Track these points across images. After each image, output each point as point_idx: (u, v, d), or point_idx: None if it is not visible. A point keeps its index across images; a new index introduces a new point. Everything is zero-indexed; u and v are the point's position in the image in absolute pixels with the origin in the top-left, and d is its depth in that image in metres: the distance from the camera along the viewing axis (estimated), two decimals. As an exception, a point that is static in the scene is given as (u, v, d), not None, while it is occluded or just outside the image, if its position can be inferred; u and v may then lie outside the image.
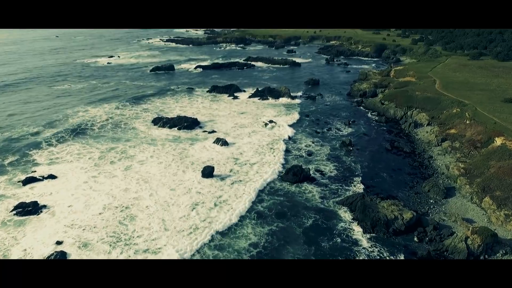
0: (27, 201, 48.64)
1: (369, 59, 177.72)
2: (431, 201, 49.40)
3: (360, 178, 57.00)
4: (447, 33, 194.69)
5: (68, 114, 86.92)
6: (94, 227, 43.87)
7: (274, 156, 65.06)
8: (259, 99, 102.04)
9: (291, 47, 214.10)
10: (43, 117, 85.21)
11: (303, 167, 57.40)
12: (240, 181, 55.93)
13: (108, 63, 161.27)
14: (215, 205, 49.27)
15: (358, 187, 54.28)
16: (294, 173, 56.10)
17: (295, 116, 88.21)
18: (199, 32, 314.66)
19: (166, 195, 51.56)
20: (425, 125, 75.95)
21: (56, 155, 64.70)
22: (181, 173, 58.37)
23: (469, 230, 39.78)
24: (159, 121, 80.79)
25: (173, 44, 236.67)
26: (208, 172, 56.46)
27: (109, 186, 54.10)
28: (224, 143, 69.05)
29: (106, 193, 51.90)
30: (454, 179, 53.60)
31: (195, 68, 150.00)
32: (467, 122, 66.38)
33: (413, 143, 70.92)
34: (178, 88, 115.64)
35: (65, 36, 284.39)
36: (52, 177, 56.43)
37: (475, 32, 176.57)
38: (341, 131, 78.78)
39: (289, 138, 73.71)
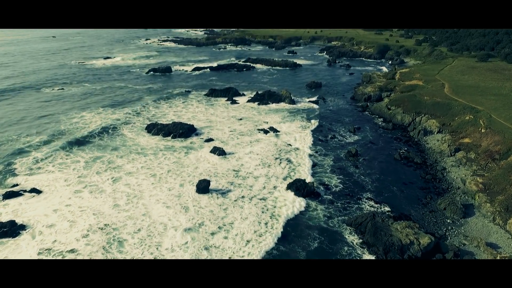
0: (3, 221, 44.18)
1: (372, 60, 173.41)
2: (448, 221, 44.85)
3: (369, 193, 52.45)
4: (452, 33, 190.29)
5: (60, 120, 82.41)
6: (78, 254, 39.27)
7: (282, 168, 59.98)
8: (258, 103, 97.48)
9: (292, 48, 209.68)
10: (33, 124, 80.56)
11: (307, 182, 52.93)
12: (243, 197, 50.98)
13: (103, 64, 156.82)
14: (219, 228, 44.12)
15: (367, 203, 49.80)
16: (296, 188, 51.66)
17: (298, 122, 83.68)
18: (199, 32, 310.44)
19: (161, 214, 46.56)
20: (435, 133, 71.42)
21: (39, 164, 59.96)
22: (178, 187, 53.63)
23: (496, 259, 35.32)
24: (153, 128, 76.17)
25: (172, 45, 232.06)
26: (203, 186, 51.83)
27: (95, 201, 49.59)
28: (222, 152, 64.54)
29: (92, 210, 47.40)
30: (471, 195, 49.09)
31: (193, 70, 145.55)
32: (482, 130, 61.89)
33: (423, 152, 66.33)
34: (174, 91, 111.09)
35: (62, 36, 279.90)
36: (34, 191, 51.95)
37: (481, 33, 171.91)
38: (346, 138, 74.27)
39: (310, 148, 67.66)
